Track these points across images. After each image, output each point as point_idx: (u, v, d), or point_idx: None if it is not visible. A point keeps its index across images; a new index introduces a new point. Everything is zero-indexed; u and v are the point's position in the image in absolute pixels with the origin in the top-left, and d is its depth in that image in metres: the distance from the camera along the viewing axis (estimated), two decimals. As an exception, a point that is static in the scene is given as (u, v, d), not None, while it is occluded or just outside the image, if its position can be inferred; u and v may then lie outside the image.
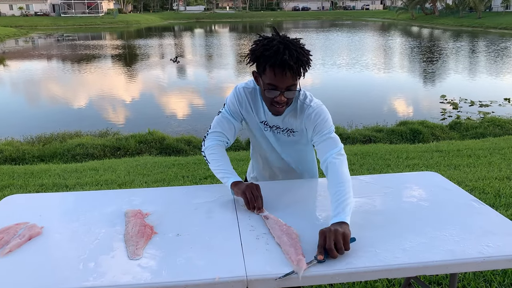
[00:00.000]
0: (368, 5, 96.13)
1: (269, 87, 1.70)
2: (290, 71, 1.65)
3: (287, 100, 1.74)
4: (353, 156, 5.51)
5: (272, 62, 1.64)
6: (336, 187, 1.65)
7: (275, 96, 1.71)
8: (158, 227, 1.60)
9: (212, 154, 1.89)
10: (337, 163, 1.73)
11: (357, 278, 1.38)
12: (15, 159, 6.53)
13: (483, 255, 1.40)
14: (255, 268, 1.34)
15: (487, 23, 42.35)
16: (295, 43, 1.68)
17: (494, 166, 4.82)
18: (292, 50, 1.64)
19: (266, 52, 1.65)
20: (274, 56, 1.63)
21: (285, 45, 1.64)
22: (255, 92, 1.91)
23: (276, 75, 1.66)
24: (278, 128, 1.93)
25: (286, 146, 2.00)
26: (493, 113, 9.47)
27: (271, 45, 1.65)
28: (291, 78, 1.67)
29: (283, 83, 1.68)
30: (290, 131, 1.93)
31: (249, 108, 1.92)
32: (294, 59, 1.63)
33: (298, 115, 1.88)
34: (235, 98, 1.91)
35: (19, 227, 1.59)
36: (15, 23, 50.32)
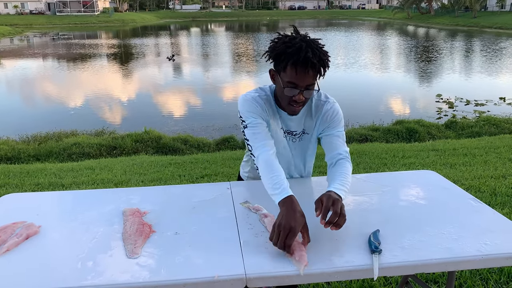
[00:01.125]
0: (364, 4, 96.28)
1: (289, 85, 1.67)
2: (312, 69, 1.64)
3: (305, 100, 1.72)
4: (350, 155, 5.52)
5: (294, 60, 1.62)
6: (340, 175, 1.73)
7: (293, 95, 1.68)
8: (156, 225, 1.59)
9: (265, 168, 1.67)
10: (347, 165, 1.81)
11: (355, 276, 1.38)
12: (11, 158, 6.50)
13: (481, 253, 1.40)
14: (254, 266, 1.34)
15: (482, 22, 42.54)
16: (316, 42, 1.69)
17: (490, 165, 4.84)
18: (314, 49, 1.64)
19: (289, 49, 1.63)
20: (297, 53, 1.62)
21: (307, 44, 1.63)
22: (270, 99, 1.85)
23: (298, 73, 1.64)
24: (290, 133, 1.91)
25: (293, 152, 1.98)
26: (489, 112, 9.52)
27: (293, 43, 1.64)
28: (312, 77, 1.66)
29: (304, 81, 1.66)
30: (302, 134, 1.92)
31: (268, 115, 1.83)
32: (317, 58, 1.63)
33: (313, 114, 1.88)
34: (255, 106, 1.77)
35: (16, 226, 1.58)
36: (10, 21, 50.01)
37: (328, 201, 1.50)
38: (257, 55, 22.13)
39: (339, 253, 1.41)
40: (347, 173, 1.75)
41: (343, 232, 1.54)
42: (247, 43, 29.00)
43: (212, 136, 7.98)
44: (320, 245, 1.46)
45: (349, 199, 1.82)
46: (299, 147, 1.97)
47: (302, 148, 1.98)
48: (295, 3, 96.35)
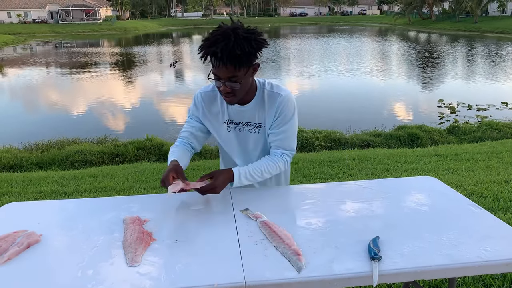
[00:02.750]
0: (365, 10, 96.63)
1: (214, 77, 1.74)
2: (222, 63, 1.64)
3: (232, 91, 1.74)
4: (352, 161, 5.52)
5: (206, 52, 1.65)
6: (262, 161, 1.91)
7: (218, 86, 1.75)
8: (156, 233, 1.60)
9: (171, 149, 1.98)
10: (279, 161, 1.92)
11: (355, 283, 1.37)
12: (13, 167, 6.52)
13: (482, 259, 1.40)
14: (253, 274, 1.34)
15: (483, 27, 42.58)
16: (241, 35, 1.63)
17: (492, 170, 4.83)
18: (230, 41, 1.60)
19: (206, 42, 1.65)
20: (209, 46, 1.64)
21: (225, 36, 1.61)
22: (216, 94, 1.92)
23: (216, 66, 1.68)
24: (246, 124, 1.93)
25: (254, 146, 1.99)
26: (491, 117, 9.50)
27: (213, 35, 1.65)
28: (231, 70, 1.67)
29: (222, 74, 1.69)
30: (258, 126, 1.93)
31: (206, 112, 1.96)
32: (227, 52, 1.61)
33: (268, 105, 1.89)
34: (193, 104, 1.99)
35: (18, 235, 1.58)
36: (13, 30, 50.43)
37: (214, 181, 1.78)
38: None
39: (339, 260, 1.41)
40: (266, 165, 1.90)
41: (343, 238, 1.54)
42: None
43: (214, 143, 7.98)
44: (320, 252, 1.46)
45: (350, 206, 1.82)
46: (257, 140, 1.97)
47: (261, 142, 1.98)
48: (296, 10, 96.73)
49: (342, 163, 5.43)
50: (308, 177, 4.90)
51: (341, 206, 1.81)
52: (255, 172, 1.88)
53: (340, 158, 5.71)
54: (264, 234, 1.58)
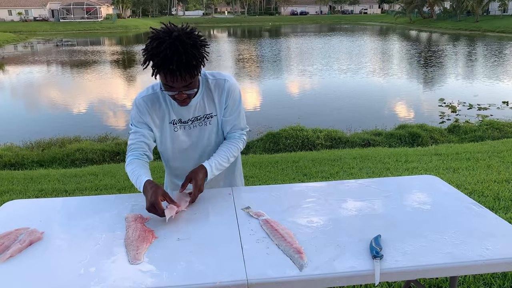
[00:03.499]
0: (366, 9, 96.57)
1: (166, 88, 1.71)
2: (180, 77, 1.63)
3: (188, 95, 1.74)
4: (352, 159, 5.52)
5: (161, 70, 1.62)
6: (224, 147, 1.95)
7: (174, 95, 1.72)
8: (158, 231, 1.60)
9: (127, 169, 1.88)
10: (239, 142, 1.99)
11: (357, 281, 1.38)
12: (14, 165, 6.53)
13: (483, 258, 1.40)
14: (255, 272, 1.34)
15: (484, 26, 42.52)
16: (187, 42, 1.61)
17: (493, 169, 4.83)
18: (181, 54, 1.58)
19: (154, 58, 1.61)
20: (161, 64, 1.60)
21: (174, 49, 1.58)
22: (157, 96, 1.88)
23: (168, 80, 1.65)
24: (195, 119, 1.90)
25: (206, 139, 1.97)
26: (492, 116, 9.50)
27: (159, 50, 1.59)
28: (184, 81, 1.66)
29: (177, 84, 1.67)
30: (207, 117, 1.92)
31: (153, 116, 1.88)
32: (183, 66, 1.59)
33: (216, 93, 1.89)
34: (136, 111, 1.88)
35: (20, 233, 1.59)
36: (14, 28, 50.40)
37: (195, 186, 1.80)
38: (259, 61, 22.19)
39: (340, 259, 1.41)
40: (229, 150, 1.94)
41: (345, 237, 1.54)
42: (250, 48, 29.08)
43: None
44: (321, 250, 1.46)
45: (351, 205, 1.82)
46: (210, 132, 1.96)
47: (211, 132, 1.96)
48: (297, 8, 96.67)
49: (343, 162, 5.43)
50: (308, 176, 4.91)
51: (343, 205, 1.82)
52: (223, 160, 1.92)
53: (341, 157, 5.71)
54: (266, 232, 1.59)
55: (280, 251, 1.46)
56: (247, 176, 4.93)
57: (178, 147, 1.97)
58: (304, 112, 10.60)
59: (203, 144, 1.99)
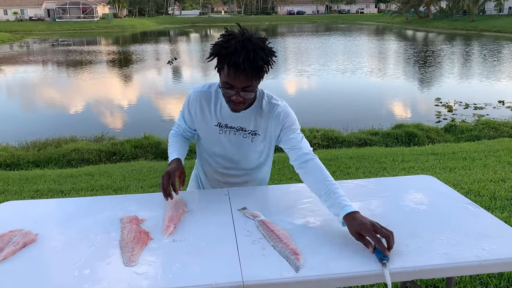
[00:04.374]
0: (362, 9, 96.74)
1: (225, 86, 1.70)
2: (245, 74, 1.63)
3: (244, 100, 1.73)
4: (349, 159, 5.52)
5: (227, 63, 1.63)
6: (328, 183, 1.65)
7: (230, 95, 1.71)
8: (153, 233, 1.59)
9: (169, 140, 2.06)
10: (319, 162, 1.76)
11: (354, 282, 1.37)
12: (10, 165, 6.49)
13: (479, 259, 1.40)
14: (251, 273, 1.34)
15: (480, 26, 42.67)
16: (256, 43, 1.63)
17: (489, 169, 4.84)
18: (249, 51, 1.60)
19: (223, 50, 1.62)
20: (229, 56, 1.61)
21: (243, 45, 1.60)
22: (211, 94, 1.89)
23: (230, 76, 1.65)
24: (241, 129, 1.90)
25: (244, 152, 1.96)
26: (488, 115, 9.52)
27: (229, 44, 1.61)
28: (246, 79, 1.65)
29: (238, 83, 1.66)
30: (253, 134, 1.90)
31: (198, 112, 1.92)
32: (249, 62, 1.60)
33: (265, 114, 1.87)
34: (186, 104, 1.97)
35: (13, 234, 1.57)
36: (10, 28, 50.17)
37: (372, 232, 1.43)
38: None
39: (337, 260, 1.41)
40: (330, 178, 1.68)
41: (341, 238, 1.54)
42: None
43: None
44: (317, 251, 1.46)
45: (347, 205, 1.81)
46: (248, 146, 1.94)
47: (252, 149, 1.95)
48: (293, 8, 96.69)
49: (340, 161, 5.43)
50: (305, 176, 4.90)
51: (339, 205, 1.81)
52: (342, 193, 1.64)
53: (338, 156, 5.71)
54: (262, 233, 1.58)
55: (276, 252, 1.45)
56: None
57: (218, 149, 1.97)
58: (301, 112, 10.55)
59: (241, 156, 1.97)
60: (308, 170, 1.75)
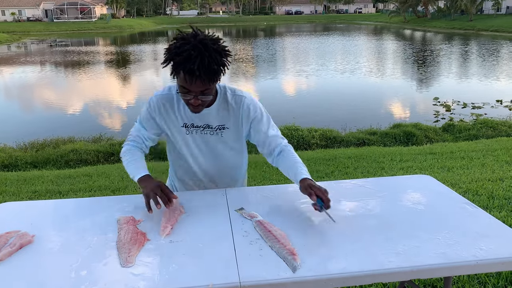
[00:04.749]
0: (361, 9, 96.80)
1: (182, 90, 1.69)
2: (200, 80, 1.62)
3: (202, 103, 1.73)
4: (347, 159, 5.52)
5: (181, 69, 1.61)
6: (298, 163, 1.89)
7: (189, 99, 1.71)
8: (150, 234, 1.59)
9: (124, 156, 1.92)
10: (291, 150, 1.96)
11: (351, 282, 1.37)
12: (8, 166, 6.48)
13: (477, 258, 1.40)
14: (248, 274, 1.33)
15: (478, 25, 42.71)
16: (211, 47, 1.61)
17: (487, 168, 4.85)
18: (204, 57, 1.58)
19: (177, 57, 1.60)
20: (184, 63, 1.59)
21: (198, 51, 1.58)
22: (173, 96, 1.86)
23: (187, 81, 1.63)
24: (208, 127, 1.89)
25: (214, 149, 1.96)
26: (486, 115, 9.54)
27: (182, 50, 1.59)
28: (203, 85, 1.64)
29: (195, 88, 1.65)
30: (220, 129, 1.90)
31: (164, 115, 1.88)
32: (204, 68, 1.58)
33: (232, 107, 1.88)
34: (147, 111, 1.90)
35: (10, 236, 1.57)
36: (7, 29, 50.06)
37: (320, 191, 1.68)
38: (254, 61, 22.18)
39: (334, 260, 1.40)
40: (299, 159, 1.92)
41: (338, 238, 1.53)
42: (245, 48, 29.05)
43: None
44: (315, 251, 1.45)
45: (345, 205, 1.81)
46: (219, 142, 1.94)
47: (223, 143, 1.95)
48: (292, 8, 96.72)
49: (338, 161, 5.43)
50: (303, 176, 4.89)
51: (337, 205, 1.81)
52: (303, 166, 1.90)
53: (336, 156, 5.72)
54: (259, 234, 1.58)
55: (273, 253, 1.45)
56: (242, 176, 4.92)
57: (188, 151, 1.96)
58: (299, 112, 10.60)
59: (214, 154, 1.97)
60: (283, 156, 1.94)
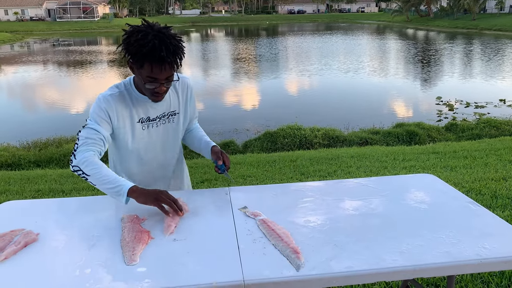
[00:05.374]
0: (363, 8, 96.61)
1: (149, 80, 1.71)
2: (169, 65, 1.68)
3: (167, 89, 1.79)
4: (350, 158, 5.52)
5: (150, 59, 1.64)
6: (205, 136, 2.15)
7: (155, 87, 1.74)
8: (154, 232, 1.59)
9: (89, 165, 1.71)
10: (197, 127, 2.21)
11: (355, 281, 1.37)
12: (11, 165, 6.50)
13: (480, 257, 1.40)
14: (252, 272, 1.34)
15: (481, 24, 42.57)
16: (169, 35, 1.67)
17: (490, 167, 4.84)
18: (168, 44, 1.64)
19: (143, 48, 1.62)
20: (152, 53, 1.62)
21: (160, 40, 1.62)
22: (123, 95, 1.84)
23: (154, 70, 1.67)
24: (162, 116, 1.94)
25: (170, 140, 2.03)
26: (489, 114, 9.51)
27: (146, 41, 1.62)
28: (171, 70, 1.71)
29: (163, 75, 1.70)
30: (172, 115, 1.97)
31: (119, 114, 1.83)
32: (171, 54, 1.65)
33: (180, 90, 1.97)
34: (102, 108, 1.78)
35: (15, 234, 1.58)
36: (10, 28, 50.23)
37: (227, 158, 2.00)
38: (257, 60, 22.18)
39: (338, 258, 1.41)
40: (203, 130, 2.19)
41: (342, 236, 1.54)
42: (247, 47, 29.04)
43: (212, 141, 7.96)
44: (318, 250, 1.46)
45: (348, 204, 1.81)
46: (171, 129, 2.00)
47: (175, 130, 2.02)
48: (294, 7, 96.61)
49: (341, 160, 5.43)
50: (306, 175, 4.90)
51: (340, 204, 1.81)
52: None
53: (339, 155, 5.71)
54: (262, 232, 1.58)
55: (277, 251, 1.45)
56: (244, 175, 4.93)
57: (145, 146, 1.96)
58: (302, 111, 10.59)
59: (170, 144, 2.03)
60: (194, 132, 2.17)
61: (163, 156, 2.04)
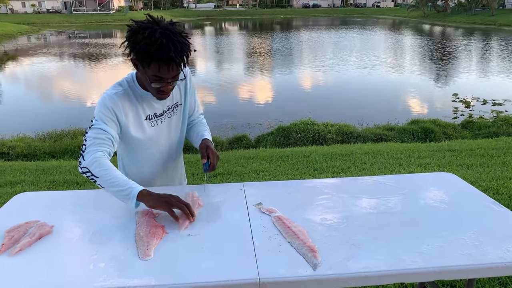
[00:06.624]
0: (379, 3, 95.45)
1: (155, 79, 1.67)
2: (176, 65, 1.63)
3: (173, 87, 1.76)
4: (364, 155, 5.45)
5: (157, 59, 1.59)
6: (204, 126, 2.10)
7: (162, 86, 1.70)
8: (169, 227, 1.57)
9: (98, 166, 1.64)
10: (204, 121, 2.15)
11: (372, 282, 1.34)
12: (27, 156, 6.57)
13: (504, 260, 1.35)
14: (268, 270, 1.31)
15: (500, 20, 41.74)
16: (176, 32, 1.61)
17: (508, 166, 4.74)
18: (175, 42, 1.58)
19: (150, 47, 1.56)
20: (159, 52, 1.57)
21: (167, 38, 1.57)
22: (128, 93, 1.81)
23: (162, 70, 1.63)
24: (167, 110, 1.92)
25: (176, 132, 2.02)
26: (506, 112, 9.32)
27: (153, 39, 1.56)
28: (177, 69, 1.66)
29: (170, 75, 1.66)
30: (176, 106, 1.95)
31: (126, 112, 1.79)
32: (179, 53, 1.60)
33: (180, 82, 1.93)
34: (109, 107, 1.74)
35: (29, 226, 1.57)
36: (27, 20, 50.80)
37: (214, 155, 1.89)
38: (271, 55, 22.09)
39: (355, 258, 1.37)
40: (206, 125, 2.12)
41: (359, 235, 1.50)
42: (262, 41, 28.93)
43: (224, 135, 7.95)
44: (335, 249, 1.42)
45: (366, 202, 1.78)
46: (175, 121, 1.99)
47: (179, 121, 2.01)
48: (309, 1, 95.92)
49: (355, 157, 5.37)
50: (319, 171, 4.86)
51: (357, 202, 1.77)
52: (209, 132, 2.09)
53: (353, 152, 5.65)
54: (278, 230, 1.55)
55: (293, 249, 1.42)
56: (257, 170, 4.90)
57: (154, 141, 1.93)
58: (316, 106, 10.51)
59: (174, 135, 2.02)
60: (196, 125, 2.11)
61: (167, 147, 2.02)
